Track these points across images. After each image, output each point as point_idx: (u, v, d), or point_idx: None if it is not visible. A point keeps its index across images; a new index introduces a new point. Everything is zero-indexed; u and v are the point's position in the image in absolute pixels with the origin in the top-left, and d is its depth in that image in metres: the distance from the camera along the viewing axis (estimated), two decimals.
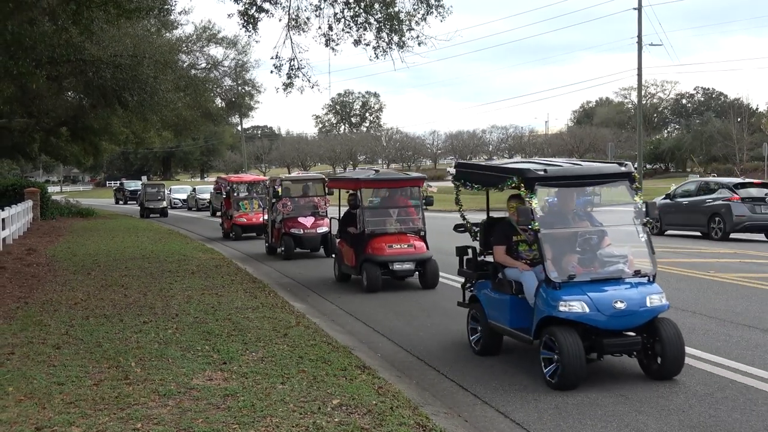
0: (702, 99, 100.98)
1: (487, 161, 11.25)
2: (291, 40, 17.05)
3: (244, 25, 16.45)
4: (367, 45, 16.50)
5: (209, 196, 42.68)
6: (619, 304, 7.04)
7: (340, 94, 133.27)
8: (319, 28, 16.87)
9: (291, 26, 16.77)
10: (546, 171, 7.46)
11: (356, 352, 8.34)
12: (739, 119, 70.39)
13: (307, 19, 16.91)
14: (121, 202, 62.91)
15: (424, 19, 15.95)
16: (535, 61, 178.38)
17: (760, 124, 70.14)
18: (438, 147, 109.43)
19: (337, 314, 11.48)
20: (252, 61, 51.64)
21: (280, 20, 16.73)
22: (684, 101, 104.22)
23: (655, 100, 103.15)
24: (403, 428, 5.70)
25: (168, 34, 32.42)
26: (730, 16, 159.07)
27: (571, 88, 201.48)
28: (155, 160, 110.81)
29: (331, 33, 16.55)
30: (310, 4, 22.33)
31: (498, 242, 8.33)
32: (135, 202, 56.01)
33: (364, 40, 16.44)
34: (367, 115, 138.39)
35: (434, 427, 5.80)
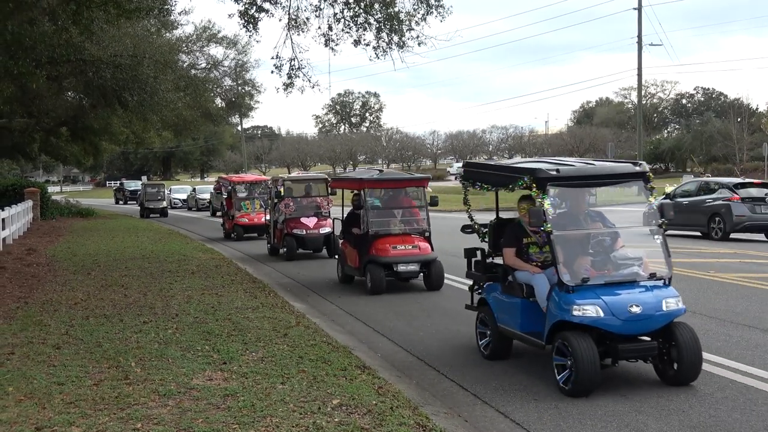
0: (702, 99, 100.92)
1: (496, 161, 10.83)
2: (291, 40, 17.05)
3: (244, 25, 16.45)
4: (367, 45, 16.50)
5: (209, 196, 42.69)
6: (635, 308, 6.86)
7: (340, 94, 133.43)
8: (319, 28, 16.86)
9: (291, 26, 16.77)
10: (558, 171, 7.24)
11: (356, 352, 8.34)
12: (739, 119, 70.34)
13: (307, 19, 16.91)
14: (121, 202, 62.91)
15: (424, 19, 15.95)
16: (535, 61, 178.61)
17: (760, 124, 70.07)
18: (438, 147, 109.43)
19: (337, 314, 11.48)
20: (252, 61, 51.65)
21: (280, 20, 16.73)
22: (684, 101, 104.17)
23: (655, 100, 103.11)
24: (403, 428, 5.70)
25: (168, 34, 32.43)
26: (730, 16, 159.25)
27: (571, 88, 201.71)
28: (155, 160, 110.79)
29: (330, 33, 16.56)
30: (310, 4, 22.35)
31: (508, 244, 8.13)
32: (135, 202, 56.01)
33: (364, 40, 16.44)
34: (367, 115, 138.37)
35: (434, 427, 5.80)
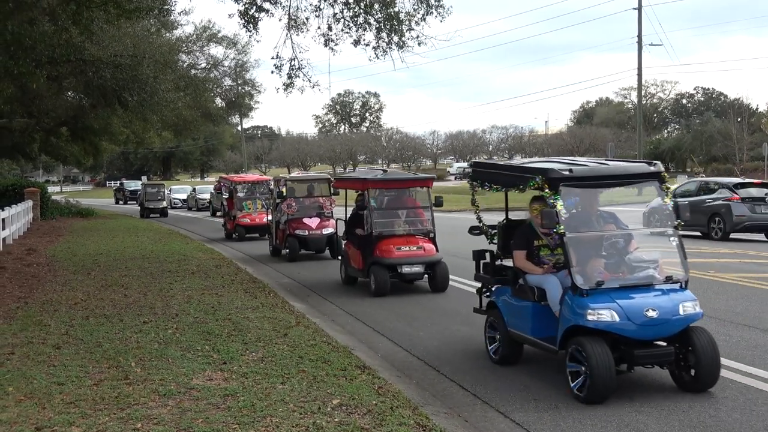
0: (702, 99, 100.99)
1: (507, 161, 10.49)
2: (291, 40, 17.05)
3: (244, 25, 16.45)
4: (367, 45, 16.50)
5: (209, 196, 42.69)
6: (651, 313, 6.66)
7: (340, 94, 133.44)
8: (319, 28, 16.87)
9: (291, 26, 16.77)
10: (571, 171, 7.03)
11: (356, 352, 8.34)
12: (739, 119, 70.39)
13: (307, 19, 16.93)
14: (121, 202, 62.90)
15: (424, 20, 15.94)
16: (535, 61, 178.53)
17: (760, 124, 70.10)
18: (438, 147, 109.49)
19: (338, 314, 11.48)
20: (252, 61, 51.66)
21: (280, 20, 16.68)
22: (684, 101, 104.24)
23: (655, 100, 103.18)
24: (403, 428, 5.70)
25: (168, 34, 32.44)
26: (730, 16, 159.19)
27: (571, 88, 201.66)
28: (155, 160, 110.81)
29: (330, 33, 16.55)
30: (310, 4, 22.37)
31: (518, 246, 7.90)
32: (135, 202, 56.00)
33: (364, 40, 16.45)
34: (367, 115, 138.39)
35: (434, 427, 5.80)
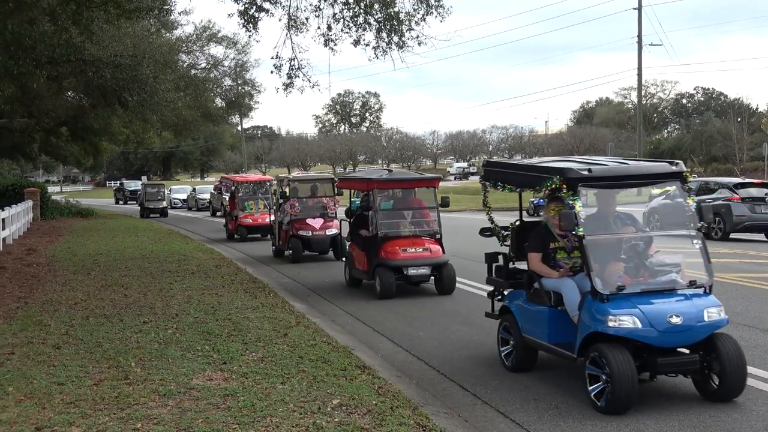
0: (702, 99, 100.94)
1: (521, 160, 9.82)
2: (291, 40, 17.04)
3: (244, 25, 16.44)
4: (367, 45, 16.48)
5: (209, 196, 42.69)
6: (675, 319, 6.39)
7: (340, 94, 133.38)
8: (318, 28, 16.85)
9: (290, 26, 16.77)
10: (591, 171, 6.77)
11: (356, 352, 8.34)
12: (739, 119, 70.35)
13: (306, 20, 16.90)
14: (121, 202, 62.90)
15: (424, 20, 15.92)
16: (535, 61, 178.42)
17: (760, 124, 70.07)
18: (438, 147, 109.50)
19: (337, 314, 11.48)
20: (252, 61, 51.55)
21: (279, 20, 16.66)
22: (684, 101, 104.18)
23: (655, 100, 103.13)
24: (403, 428, 5.70)
25: (168, 34, 32.45)
26: (730, 16, 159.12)
27: (571, 88, 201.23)
28: (155, 160, 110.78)
29: (330, 33, 16.53)
30: (310, 4, 22.38)
31: (534, 249, 7.62)
32: (135, 202, 56.00)
33: (364, 40, 16.42)
34: (367, 115, 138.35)
35: (434, 427, 5.80)
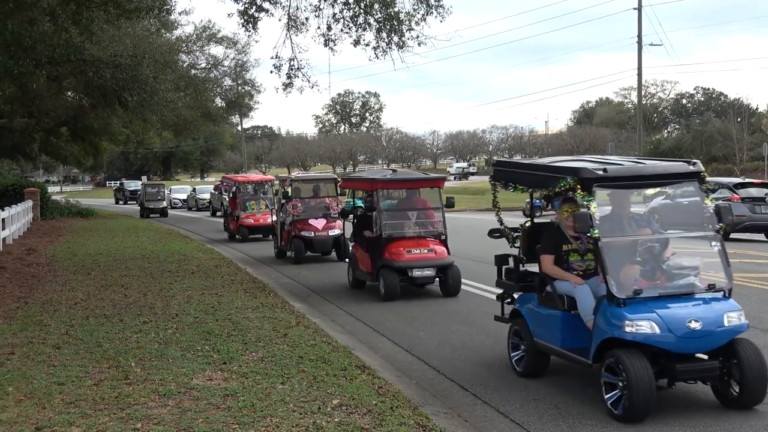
0: (702, 99, 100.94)
1: (533, 160, 9.25)
2: (291, 40, 17.05)
3: (244, 25, 16.43)
4: (367, 45, 16.49)
5: (209, 196, 42.69)
6: (694, 324, 6.19)
7: (340, 94, 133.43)
8: (318, 28, 16.85)
9: (290, 26, 16.77)
10: (606, 170, 6.59)
11: (356, 352, 8.34)
12: (739, 119, 70.35)
13: (306, 20, 16.91)
14: (121, 202, 62.90)
15: (424, 20, 15.92)
16: (535, 61, 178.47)
17: (760, 124, 70.14)
18: (438, 147, 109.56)
19: (337, 314, 11.48)
20: (252, 61, 51.66)
21: (279, 20, 16.66)
22: (684, 101, 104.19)
23: (655, 100, 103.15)
24: (403, 428, 5.70)
25: (168, 34, 32.44)
26: (730, 16, 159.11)
27: (571, 88, 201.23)
28: (155, 160, 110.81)
29: (330, 33, 16.53)
30: (310, 4, 22.42)
31: (546, 251, 7.45)
32: (135, 202, 56.00)
33: (364, 40, 16.43)
34: (367, 115, 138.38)
35: (434, 427, 5.80)
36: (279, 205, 19.86)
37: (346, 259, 15.55)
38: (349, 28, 16.29)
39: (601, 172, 6.58)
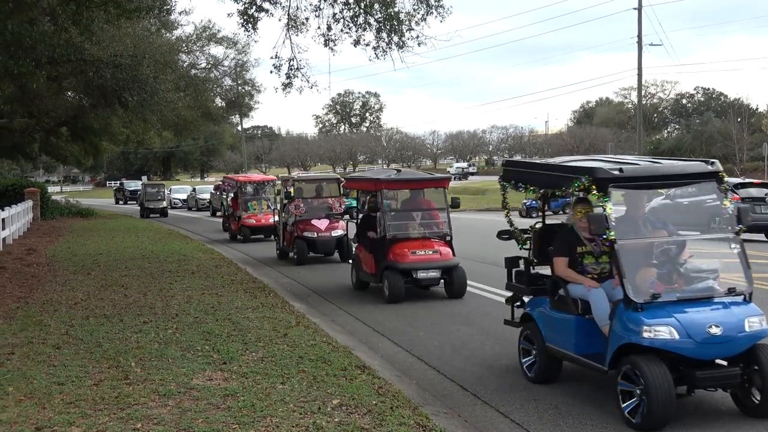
0: (702, 99, 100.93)
1: (545, 160, 8.79)
2: (290, 40, 17.06)
3: (243, 25, 16.43)
4: (367, 45, 16.50)
5: (209, 196, 42.68)
6: (714, 329, 5.97)
7: (340, 94, 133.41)
8: (318, 28, 16.88)
9: (290, 26, 16.78)
10: (622, 170, 6.39)
11: (356, 352, 8.35)
12: (739, 119, 70.38)
13: (306, 20, 16.93)
14: (121, 202, 62.88)
15: (424, 20, 15.93)
16: (535, 61, 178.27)
17: (760, 124, 70.13)
18: (438, 147, 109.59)
19: (337, 314, 11.48)
20: (252, 61, 51.75)
21: (279, 20, 16.68)
22: (684, 101, 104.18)
23: (655, 100, 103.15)
24: (403, 428, 5.70)
25: (168, 34, 32.46)
26: (730, 16, 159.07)
27: (571, 88, 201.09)
28: (155, 160, 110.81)
29: (330, 33, 16.55)
30: (310, 4, 22.41)
31: (559, 253, 7.21)
32: (135, 202, 55.99)
33: (364, 40, 16.44)
34: (367, 115, 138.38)
35: (434, 427, 5.81)
36: (281, 206, 19.75)
37: (349, 261, 15.42)
38: (349, 28, 16.31)
39: (617, 172, 6.38)
